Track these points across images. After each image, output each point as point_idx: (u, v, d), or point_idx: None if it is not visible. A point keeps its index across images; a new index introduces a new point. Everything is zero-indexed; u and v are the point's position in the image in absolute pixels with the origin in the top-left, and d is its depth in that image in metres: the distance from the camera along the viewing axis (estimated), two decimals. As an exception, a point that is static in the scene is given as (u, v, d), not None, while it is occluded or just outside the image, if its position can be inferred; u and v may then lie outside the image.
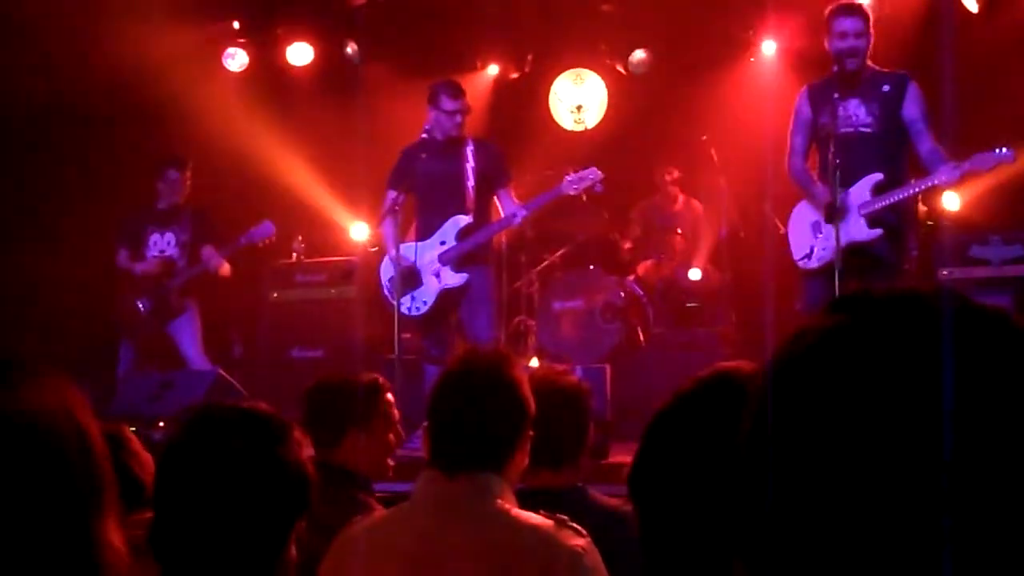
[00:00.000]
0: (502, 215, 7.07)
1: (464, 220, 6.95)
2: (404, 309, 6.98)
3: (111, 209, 8.63)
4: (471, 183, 6.99)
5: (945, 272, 7.20)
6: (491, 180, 7.07)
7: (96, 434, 1.37)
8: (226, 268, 8.12)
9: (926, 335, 0.89)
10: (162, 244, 8.20)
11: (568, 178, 6.86)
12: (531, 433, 2.71)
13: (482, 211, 7.05)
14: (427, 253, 6.98)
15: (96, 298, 8.52)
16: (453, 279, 6.94)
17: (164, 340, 8.16)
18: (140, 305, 8.09)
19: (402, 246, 6.96)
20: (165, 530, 2.07)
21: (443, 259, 6.94)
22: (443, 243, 6.97)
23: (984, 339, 0.91)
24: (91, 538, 1.32)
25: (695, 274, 8.56)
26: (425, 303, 6.99)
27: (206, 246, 8.14)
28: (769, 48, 9.30)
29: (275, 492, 2.06)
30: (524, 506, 2.61)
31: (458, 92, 7.01)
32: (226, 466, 2.05)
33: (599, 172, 6.86)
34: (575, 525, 2.56)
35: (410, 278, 6.95)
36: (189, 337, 8.13)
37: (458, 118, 6.96)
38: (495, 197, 7.11)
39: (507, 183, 7.14)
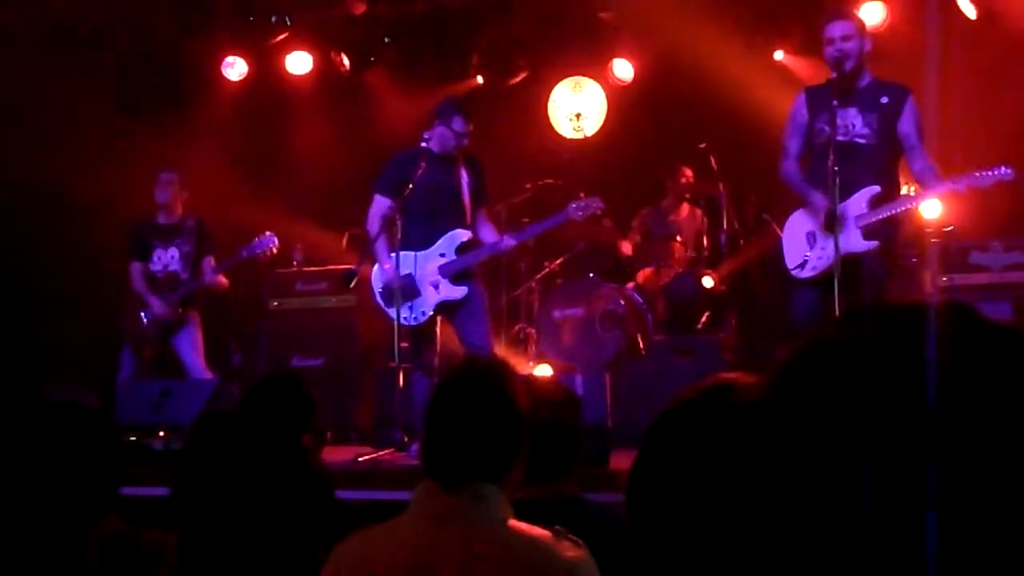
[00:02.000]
0: (481, 236, 7.14)
1: (465, 235, 7.00)
2: (401, 319, 6.99)
3: (113, 215, 8.65)
4: (467, 197, 7.06)
5: (945, 279, 7.20)
6: (477, 196, 7.16)
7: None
8: (223, 281, 8.19)
9: (936, 349, 0.90)
10: (166, 259, 8.23)
11: (573, 205, 7.00)
12: (528, 444, 2.71)
13: (476, 226, 7.12)
14: (426, 264, 6.98)
15: (100, 303, 8.53)
16: (453, 292, 6.96)
17: (166, 350, 8.18)
18: (144, 317, 8.12)
19: (397, 254, 6.97)
20: (195, 541, 2.06)
21: (444, 271, 6.97)
22: (443, 255, 6.99)
23: (993, 354, 0.91)
24: (84, 539, 1.34)
25: (708, 281, 8.56)
26: (424, 313, 6.99)
27: (207, 258, 8.18)
28: (769, 55, 9.31)
29: (304, 493, 2.05)
30: (522, 517, 2.60)
31: (470, 115, 7.06)
32: (251, 471, 2.04)
33: (602, 203, 7.09)
34: (573, 536, 2.56)
35: (406, 288, 6.96)
36: (190, 348, 8.15)
37: (464, 140, 7.01)
38: (474, 215, 7.16)
39: (486, 203, 7.28)
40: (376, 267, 7.09)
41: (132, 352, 8.20)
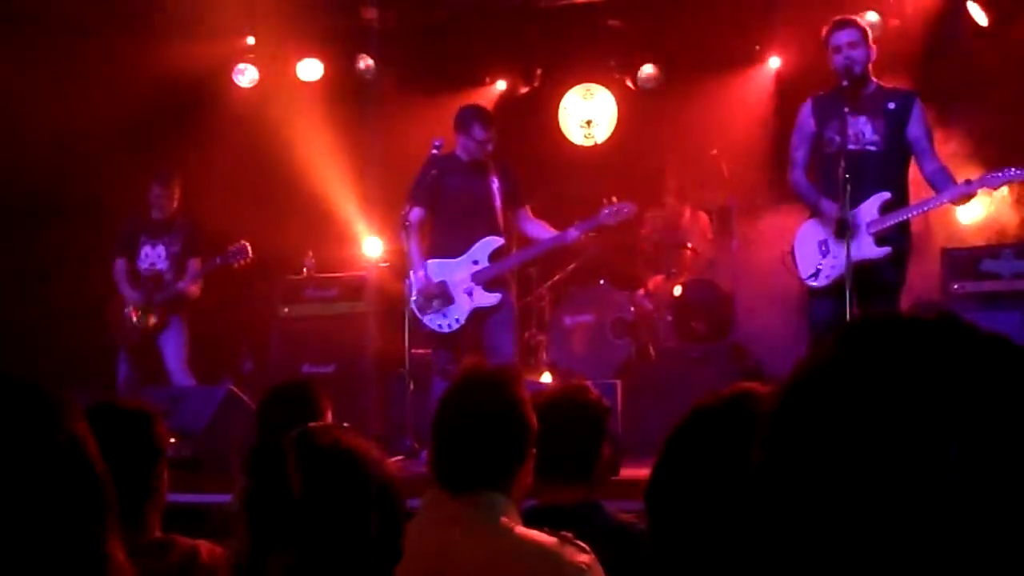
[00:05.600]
0: (529, 234, 7.19)
1: (497, 241, 7.06)
2: (435, 325, 7.05)
3: (116, 219, 8.65)
4: (499, 203, 7.08)
5: (956, 286, 7.19)
6: (512, 199, 7.17)
7: (98, 454, 1.39)
8: (194, 289, 8.16)
9: (932, 364, 0.91)
10: (153, 256, 8.25)
11: (605, 210, 6.97)
12: (534, 451, 2.72)
13: (508, 231, 7.17)
14: (458, 271, 7.02)
15: (94, 312, 8.52)
16: (486, 299, 7.01)
17: (156, 351, 8.18)
18: (131, 314, 8.13)
19: (431, 263, 7.00)
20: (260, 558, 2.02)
21: (477, 278, 7.00)
22: (475, 262, 7.02)
23: (984, 367, 0.92)
24: (103, 555, 1.34)
25: (677, 290, 8.57)
26: (457, 320, 7.04)
27: (192, 260, 8.18)
28: (777, 62, 9.31)
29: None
30: (537, 522, 2.61)
31: (490, 122, 7.08)
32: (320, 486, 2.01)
33: (635, 207, 7.08)
34: (579, 542, 2.57)
35: (440, 295, 6.99)
36: (173, 351, 8.15)
37: (489, 147, 7.03)
38: (515, 217, 7.21)
39: (525, 203, 7.26)
40: (410, 276, 7.10)
41: (126, 354, 8.21)
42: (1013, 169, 5.90)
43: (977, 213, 7.70)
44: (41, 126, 8.86)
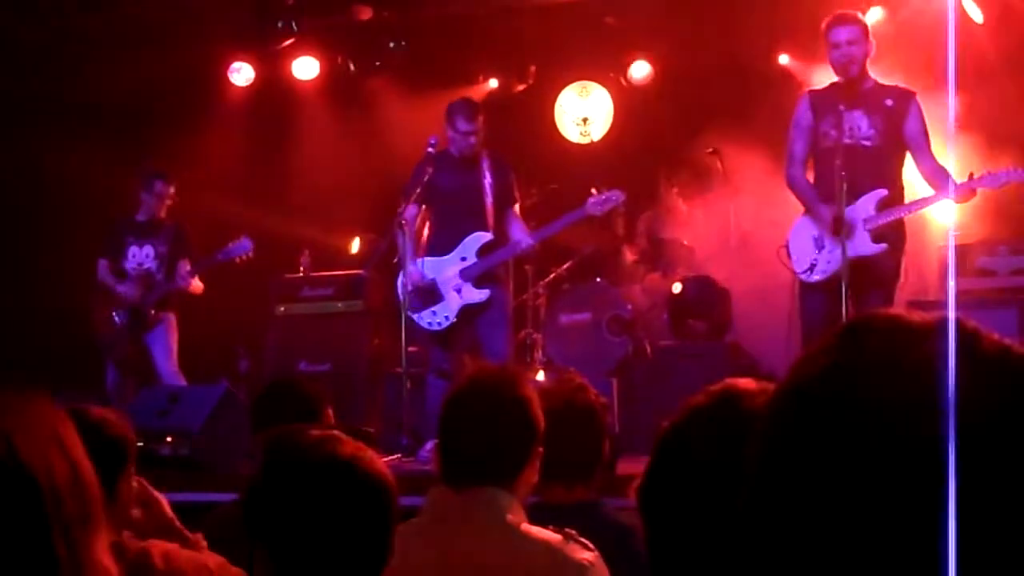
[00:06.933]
0: (510, 235, 7.13)
1: (485, 237, 7.02)
2: (425, 323, 7.05)
3: (103, 226, 8.62)
4: (489, 199, 7.05)
5: (951, 283, 7.18)
6: (503, 197, 7.13)
7: (83, 456, 1.38)
8: (197, 286, 8.14)
9: (935, 371, 0.89)
10: (140, 256, 8.21)
11: (592, 200, 6.91)
12: (540, 450, 2.73)
13: (499, 228, 7.11)
14: (447, 268, 7.00)
15: (80, 316, 8.50)
16: (475, 295, 6.99)
17: (144, 353, 8.15)
18: (116, 318, 8.09)
19: (422, 260, 6.99)
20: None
21: (465, 275, 6.98)
22: (464, 259, 7.00)
23: (990, 372, 0.91)
24: (79, 559, 1.33)
25: (676, 287, 8.56)
26: (447, 318, 7.02)
27: (182, 261, 8.15)
28: (774, 59, 9.31)
29: (372, 502, 2.05)
30: (538, 520, 2.62)
31: (473, 114, 7.03)
32: (323, 486, 2.02)
33: (622, 194, 6.96)
34: (583, 539, 2.58)
35: (430, 293, 6.98)
36: (162, 350, 8.11)
37: (472, 140, 7.01)
38: (503, 215, 7.17)
39: (514, 202, 7.23)
40: (401, 274, 7.09)
41: (113, 360, 8.16)
42: (1013, 169, 5.92)
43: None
44: (31, 127, 8.86)
